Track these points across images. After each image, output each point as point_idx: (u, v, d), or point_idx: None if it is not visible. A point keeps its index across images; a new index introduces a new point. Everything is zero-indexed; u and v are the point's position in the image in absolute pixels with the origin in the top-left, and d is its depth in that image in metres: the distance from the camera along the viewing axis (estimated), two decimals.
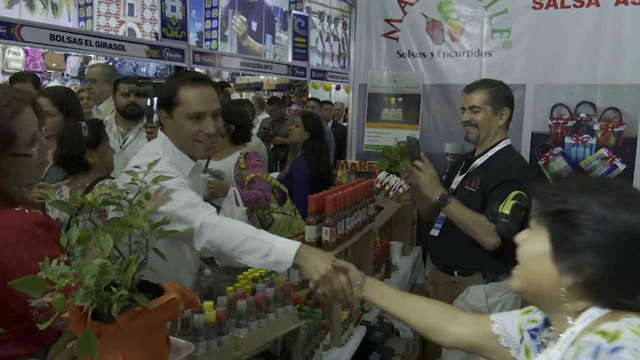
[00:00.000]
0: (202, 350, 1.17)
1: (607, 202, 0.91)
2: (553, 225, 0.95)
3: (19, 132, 1.20)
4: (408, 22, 3.48)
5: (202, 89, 1.73)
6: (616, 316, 0.90)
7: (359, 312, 2.18)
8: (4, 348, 1.19)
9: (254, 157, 2.99)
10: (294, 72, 10.62)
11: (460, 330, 1.27)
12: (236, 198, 2.68)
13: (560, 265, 0.93)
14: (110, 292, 0.89)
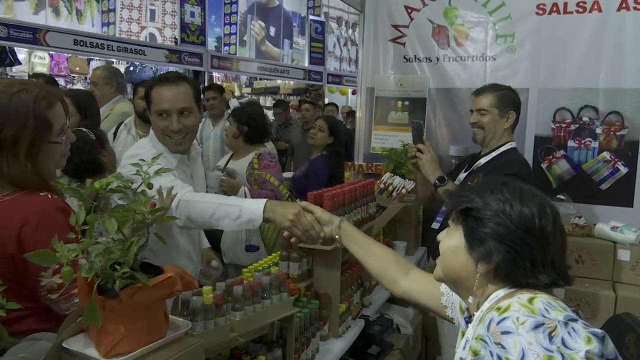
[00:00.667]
0: (199, 330, 1.28)
1: (504, 199, 1.08)
2: (464, 222, 1.12)
3: (54, 121, 1.38)
4: (414, 27, 3.58)
5: (169, 88, 1.90)
6: (513, 294, 1.05)
7: (358, 306, 2.26)
8: (22, 324, 1.32)
9: (267, 157, 3.12)
10: (311, 76, 10.76)
11: (410, 285, 1.51)
12: (246, 197, 2.81)
13: (473, 255, 1.10)
14: (114, 270, 1.01)
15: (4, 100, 1.32)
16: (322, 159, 3.87)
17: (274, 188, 3.01)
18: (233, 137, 3.14)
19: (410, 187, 3.06)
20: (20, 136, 1.32)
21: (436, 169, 2.32)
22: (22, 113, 1.32)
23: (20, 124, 1.32)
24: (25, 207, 1.29)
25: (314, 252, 1.96)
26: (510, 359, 0.94)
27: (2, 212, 1.30)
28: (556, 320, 0.96)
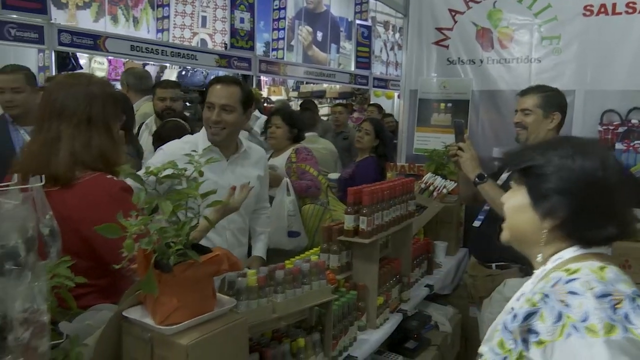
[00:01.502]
0: (243, 308, 1.38)
1: (566, 154, 1.09)
2: (527, 180, 1.14)
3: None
4: (458, 30, 3.60)
5: (221, 86, 2.24)
6: (581, 258, 1.07)
7: (396, 300, 2.32)
8: (87, 299, 1.46)
9: (304, 151, 3.32)
10: (357, 80, 10.83)
11: None
12: (288, 188, 3.02)
13: (539, 211, 1.11)
14: (169, 247, 1.13)
15: (82, 87, 1.55)
16: (369, 160, 3.96)
17: (312, 178, 3.20)
18: (287, 139, 3.33)
19: (451, 187, 3.09)
20: (107, 114, 1.57)
21: (476, 167, 2.35)
22: (104, 94, 1.58)
23: (104, 103, 1.56)
24: (97, 189, 1.45)
25: (353, 245, 2.04)
26: (571, 316, 0.95)
27: (78, 193, 1.46)
28: (624, 293, 0.98)
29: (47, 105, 1.54)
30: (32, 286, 0.92)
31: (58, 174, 1.45)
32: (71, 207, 1.45)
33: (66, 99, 1.52)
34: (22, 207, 0.92)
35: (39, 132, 1.53)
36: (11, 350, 0.90)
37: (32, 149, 1.52)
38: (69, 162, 1.47)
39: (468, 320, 3.09)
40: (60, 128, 1.50)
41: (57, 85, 1.61)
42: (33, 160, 1.48)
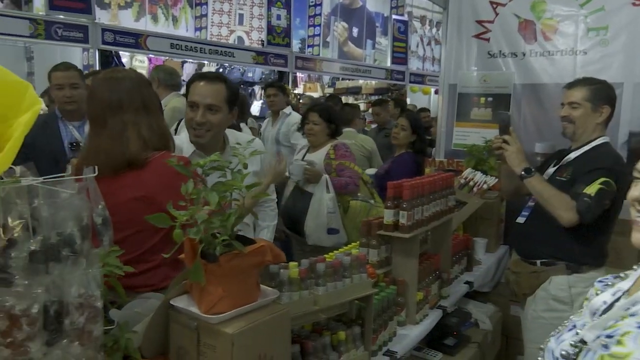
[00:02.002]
0: (285, 300, 1.40)
1: None
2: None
3: None
4: (499, 22, 3.53)
5: (204, 84, 2.08)
6: None
7: (436, 297, 2.30)
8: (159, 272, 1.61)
9: (342, 148, 3.31)
10: (393, 76, 10.76)
11: None
12: (327, 185, 3.00)
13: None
14: (215, 237, 1.15)
15: (128, 78, 1.68)
16: (406, 156, 3.92)
17: (352, 174, 3.19)
18: (325, 135, 3.34)
19: (492, 182, 3.03)
20: (154, 98, 1.72)
21: (522, 160, 2.29)
22: (144, 81, 1.72)
23: (148, 90, 1.70)
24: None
25: (393, 240, 2.03)
26: None
27: (152, 170, 1.58)
28: None
29: (101, 102, 1.63)
30: (87, 273, 0.96)
31: (132, 159, 1.58)
32: (148, 184, 1.58)
33: (120, 93, 1.63)
34: (78, 197, 0.95)
35: (102, 128, 1.62)
36: (67, 334, 0.94)
37: (100, 144, 1.61)
38: (141, 146, 1.60)
39: (509, 319, 3.04)
40: (123, 119, 1.61)
41: (105, 82, 1.68)
42: (103, 153, 1.58)
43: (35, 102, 0.83)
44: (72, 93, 2.96)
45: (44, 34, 5.51)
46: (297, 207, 3.18)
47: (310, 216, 3.11)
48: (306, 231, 3.14)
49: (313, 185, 3.14)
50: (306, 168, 3.11)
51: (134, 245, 1.59)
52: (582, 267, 2.26)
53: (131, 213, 1.56)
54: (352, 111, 5.26)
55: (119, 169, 1.58)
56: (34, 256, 0.90)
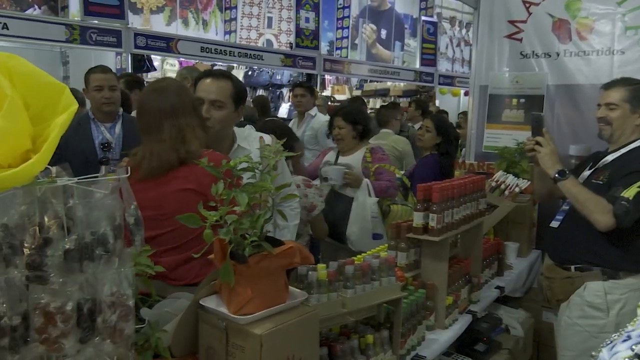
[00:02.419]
0: (313, 302, 1.39)
1: None
2: None
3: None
4: (532, 22, 3.45)
5: (210, 80, 2.11)
6: None
7: (465, 301, 2.26)
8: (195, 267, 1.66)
9: (379, 151, 3.27)
10: (422, 78, 10.67)
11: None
12: (369, 189, 2.98)
13: None
14: (244, 238, 1.15)
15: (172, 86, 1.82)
16: (430, 157, 3.88)
17: (391, 178, 3.15)
18: (353, 138, 3.29)
19: (524, 186, 2.97)
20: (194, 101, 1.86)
21: (556, 162, 2.23)
22: (183, 85, 1.87)
23: (188, 93, 1.83)
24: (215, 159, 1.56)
25: (422, 243, 2.00)
26: None
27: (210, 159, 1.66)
28: None
29: (155, 110, 1.76)
30: (119, 271, 0.97)
31: (191, 157, 1.69)
32: (200, 178, 1.68)
33: (171, 99, 1.76)
34: (111, 197, 0.97)
35: (159, 133, 1.73)
36: (100, 331, 0.96)
37: (156, 148, 1.72)
38: (199, 145, 1.75)
39: (541, 325, 2.97)
40: (179, 124, 1.74)
41: (154, 93, 1.82)
42: (157, 156, 1.71)
43: (71, 104, 0.84)
44: (111, 94, 3.05)
45: (79, 39, 5.66)
46: (336, 212, 3.10)
47: (354, 222, 3.04)
48: (350, 237, 3.08)
49: (350, 189, 3.09)
50: (346, 172, 3.04)
51: (179, 235, 1.70)
52: (619, 273, 2.18)
53: (180, 203, 1.67)
54: (388, 112, 5.22)
55: (173, 168, 1.71)
56: (68, 255, 0.91)
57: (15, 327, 0.90)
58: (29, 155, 0.82)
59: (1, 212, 0.90)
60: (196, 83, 2.17)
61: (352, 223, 3.06)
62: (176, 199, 1.70)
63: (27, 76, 0.87)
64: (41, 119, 0.87)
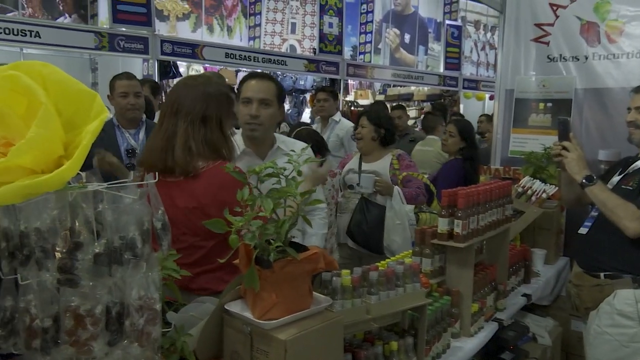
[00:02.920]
0: (337, 308, 1.39)
1: None
2: None
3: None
4: (560, 25, 3.40)
5: (256, 81, 2.19)
6: None
7: (491, 309, 2.23)
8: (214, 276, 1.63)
9: (407, 158, 3.27)
10: (446, 82, 10.60)
11: None
12: (400, 196, 2.97)
13: None
14: (269, 243, 1.16)
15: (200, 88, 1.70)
16: (454, 162, 3.85)
17: (420, 185, 3.13)
18: (372, 139, 3.25)
19: (551, 191, 2.91)
20: (220, 113, 1.70)
21: (584, 167, 2.18)
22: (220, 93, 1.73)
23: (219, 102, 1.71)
24: (219, 175, 1.57)
25: (447, 250, 1.98)
26: None
27: (204, 180, 1.62)
28: None
29: (167, 105, 1.71)
30: (147, 276, 0.99)
31: (175, 165, 1.61)
32: (199, 194, 1.62)
33: (184, 99, 1.68)
34: (139, 202, 0.98)
35: (159, 127, 1.69)
36: (127, 334, 0.97)
37: (154, 144, 1.68)
38: (183, 154, 1.61)
39: (569, 334, 2.91)
40: (177, 125, 1.65)
41: (179, 87, 1.76)
42: (154, 154, 1.65)
43: (102, 111, 0.86)
44: (136, 101, 3.10)
45: (108, 46, 5.79)
46: (370, 221, 3.06)
47: (394, 231, 2.99)
48: (390, 247, 3.03)
49: (380, 197, 3.06)
50: (377, 180, 3.01)
51: (189, 252, 1.64)
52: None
53: (188, 221, 1.62)
54: (435, 118, 5.18)
55: (167, 172, 1.62)
56: (98, 259, 0.93)
57: (47, 329, 0.92)
58: (61, 161, 0.84)
59: (34, 216, 0.92)
60: (240, 86, 2.28)
61: (392, 232, 3.01)
62: (183, 217, 1.65)
63: (60, 84, 0.89)
64: (73, 126, 0.89)
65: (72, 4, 7.27)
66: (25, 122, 0.83)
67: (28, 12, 6.83)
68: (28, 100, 0.85)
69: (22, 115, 0.85)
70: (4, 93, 0.82)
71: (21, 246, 0.95)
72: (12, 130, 0.81)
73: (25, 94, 0.83)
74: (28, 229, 0.92)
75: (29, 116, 0.84)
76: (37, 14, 6.92)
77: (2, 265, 0.97)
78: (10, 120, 0.82)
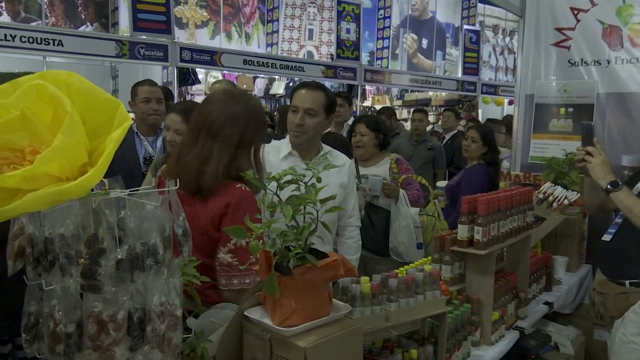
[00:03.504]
0: (357, 315, 1.38)
1: None
2: None
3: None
4: (581, 29, 3.36)
5: (305, 90, 2.26)
6: None
7: (512, 317, 2.20)
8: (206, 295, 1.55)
9: (405, 162, 3.29)
10: (464, 87, 10.53)
11: None
12: (405, 199, 3.01)
13: None
14: (289, 250, 1.16)
15: (242, 110, 1.63)
16: (477, 167, 3.82)
17: (419, 187, 3.18)
18: (373, 146, 3.26)
19: (573, 198, 2.87)
20: (256, 138, 1.67)
21: (608, 173, 2.14)
22: (257, 117, 1.67)
23: (256, 126, 1.66)
24: (228, 195, 1.55)
25: (467, 257, 1.96)
26: None
27: (214, 199, 1.57)
28: None
29: (205, 122, 1.61)
30: (168, 282, 0.99)
31: (203, 187, 1.56)
32: (207, 210, 1.56)
33: (224, 122, 1.60)
34: (161, 209, 0.99)
35: (194, 144, 1.60)
36: (149, 340, 0.98)
37: (188, 160, 1.59)
38: (213, 179, 1.55)
39: (593, 343, 2.85)
40: (212, 148, 1.58)
41: (219, 105, 1.64)
42: (187, 173, 1.57)
43: (125, 119, 0.87)
44: (158, 107, 3.14)
45: (128, 54, 5.88)
46: (377, 225, 3.10)
47: (400, 233, 3.04)
48: (397, 249, 3.07)
49: (385, 201, 3.09)
50: (385, 183, 3.03)
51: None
52: None
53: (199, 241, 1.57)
54: (493, 126, 5.14)
55: (196, 192, 1.57)
56: (120, 265, 0.94)
57: (70, 334, 0.94)
58: (85, 168, 0.85)
59: (58, 222, 0.94)
60: (292, 93, 2.36)
61: (398, 234, 3.05)
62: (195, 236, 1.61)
63: (85, 93, 0.91)
64: (97, 134, 0.91)
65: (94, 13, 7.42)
66: (51, 130, 0.84)
67: (51, 21, 6.98)
68: (54, 108, 0.86)
69: (49, 123, 0.86)
70: (30, 102, 0.84)
71: (45, 252, 0.96)
72: (38, 138, 0.82)
73: (51, 103, 0.85)
74: (52, 235, 0.94)
75: (55, 124, 0.85)
76: (60, 23, 7.07)
77: (27, 271, 0.99)
78: (36, 128, 0.83)
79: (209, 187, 1.55)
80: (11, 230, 1.01)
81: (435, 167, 5.37)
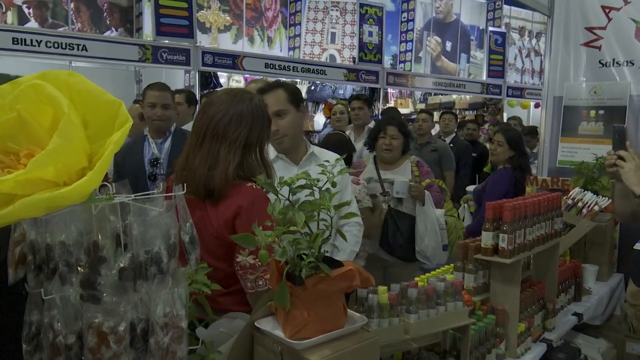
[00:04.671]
0: (374, 327, 1.31)
1: None
2: None
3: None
4: (613, 28, 3.23)
5: (267, 96, 2.07)
6: None
7: (539, 328, 2.10)
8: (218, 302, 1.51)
9: (425, 165, 3.27)
10: (489, 90, 10.34)
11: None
12: (431, 201, 3.00)
13: None
14: (301, 259, 1.10)
15: (247, 106, 1.59)
16: (503, 172, 3.73)
17: (439, 191, 3.17)
18: (402, 150, 3.24)
19: (604, 204, 2.74)
20: (262, 136, 1.63)
21: None
22: (262, 115, 1.62)
23: (262, 125, 1.61)
24: (240, 196, 1.50)
25: (492, 265, 1.88)
26: None
27: (224, 201, 1.52)
28: None
29: (209, 125, 1.56)
30: (173, 292, 0.94)
31: (213, 190, 1.51)
32: (219, 213, 1.52)
33: (229, 122, 1.55)
34: (166, 215, 0.95)
35: (199, 148, 1.55)
36: (152, 353, 0.93)
37: (195, 166, 1.54)
38: (223, 182, 1.51)
39: (624, 357, 2.71)
40: (219, 151, 1.53)
41: (222, 105, 1.59)
42: (194, 175, 1.53)
43: (126, 121, 0.83)
44: (163, 112, 3.10)
45: (151, 58, 5.93)
46: (403, 231, 3.03)
47: (427, 236, 2.99)
48: (425, 252, 3.01)
49: (407, 205, 3.03)
50: (412, 185, 2.98)
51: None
52: None
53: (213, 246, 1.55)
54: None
55: (207, 197, 1.54)
56: (122, 273, 0.90)
57: (70, 345, 0.90)
58: (85, 173, 0.81)
59: (59, 229, 0.90)
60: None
61: (425, 237, 3.00)
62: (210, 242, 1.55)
63: (87, 94, 0.87)
64: (99, 136, 0.86)
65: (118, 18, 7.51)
66: (50, 133, 0.80)
67: (77, 26, 7.09)
68: (54, 110, 0.82)
69: (48, 125, 0.83)
70: (28, 103, 0.80)
71: (47, 260, 0.92)
72: (35, 141, 0.79)
73: (50, 104, 0.81)
74: (53, 242, 0.90)
75: (55, 127, 0.81)
76: (86, 29, 7.17)
77: (28, 279, 0.95)
78: (34, 131, 0.79)
79: (219, 190, 1.50)
80: (12, 236, 0.98)
81: (443, 170, 5.01)
